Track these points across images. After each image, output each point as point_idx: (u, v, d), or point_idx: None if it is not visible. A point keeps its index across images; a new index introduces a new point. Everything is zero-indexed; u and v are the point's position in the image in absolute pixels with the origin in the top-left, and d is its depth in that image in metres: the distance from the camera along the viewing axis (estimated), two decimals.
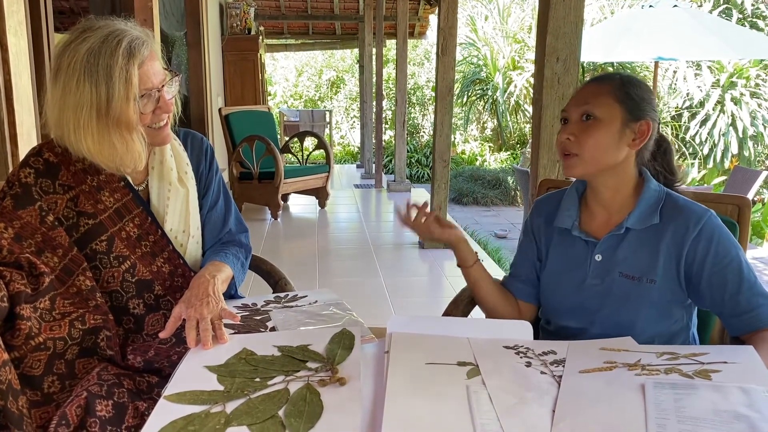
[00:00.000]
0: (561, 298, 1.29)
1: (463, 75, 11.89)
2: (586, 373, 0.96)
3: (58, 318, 1.13)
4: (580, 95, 1.23)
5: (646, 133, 1.19)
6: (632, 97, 1.19)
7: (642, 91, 1.20)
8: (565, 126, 1.23)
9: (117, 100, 1.13)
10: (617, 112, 1.18)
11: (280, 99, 15.01)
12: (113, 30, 1.15)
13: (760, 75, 9.37)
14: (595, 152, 1.19)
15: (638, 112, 1.19)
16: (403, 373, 0.97)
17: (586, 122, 1.19)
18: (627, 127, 1.19)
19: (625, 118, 1.18)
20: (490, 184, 9.27)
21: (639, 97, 1.19)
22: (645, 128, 1.19)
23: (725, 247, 1.15)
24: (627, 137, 1.19)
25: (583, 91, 1.23)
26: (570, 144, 1.20)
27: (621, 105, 1.18)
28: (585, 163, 1.20)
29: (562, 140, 1.22)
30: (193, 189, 1.37)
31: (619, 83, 1.20)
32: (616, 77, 1.21)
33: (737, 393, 0.86)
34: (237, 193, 5.73)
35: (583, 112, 1.20)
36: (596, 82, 1.22)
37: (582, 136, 1.19)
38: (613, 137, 1.18)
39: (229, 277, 1.35)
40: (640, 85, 1.21)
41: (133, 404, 1.05)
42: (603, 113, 1.18)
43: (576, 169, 1.21)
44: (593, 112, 1.18)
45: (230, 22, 7.14)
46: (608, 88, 1.20)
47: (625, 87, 1.19)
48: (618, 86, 1.19)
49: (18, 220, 1.19)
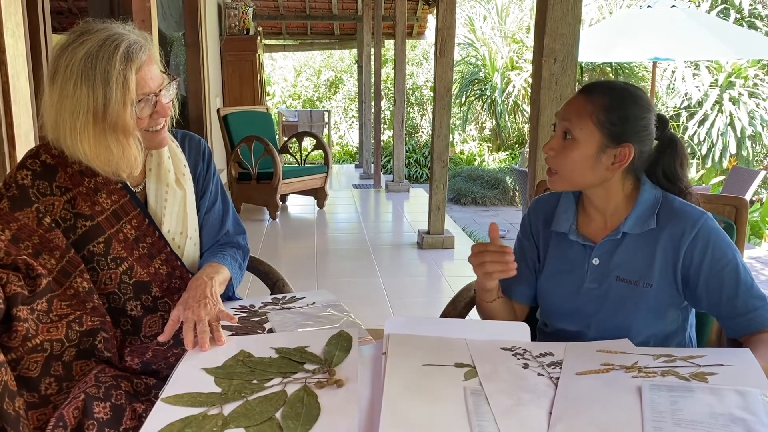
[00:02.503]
0: (558, 302, 1.29)
1: (462, 75, 11.89)
2: (583, 375, 0.96)
3: (55, 320, 1.13)
4: (567, 108, 1.21)
5: (627, 156, 1.16)
6: (614, 122, 1.15)
7: (628, 113, 1.15)
8: (553, 135, 1.23)
9: (114, 105, 1.13)
10: (595, 137, 1.16)
11: (279, 99, 15.00)
12: (111, 34, 1.15)
13: (759, 75, 9.38)
14: (572, 172, 1.19)
15: (620, 137, 1.16)
16: (400, 374, 0.97)
17: (565, 140, 1.19)
18: (604, 153, 1.16)
19: (603, 144, 1.16)
20: (489, 184, 9.28)
21: (622, 121, 1.15)
22: (626, 152, 1.16)
23: (722, 250, 1.15)
24: (604, 162, 1.17)
25: (571, 104, 1.20)
26: (550, 159, 1.21)
27: (600, 130, 1.15)
28: (563, 180, 1.21)
29: (545, 151, 1.22)
30: (190, 190, 1.37)
31: (604, 106, 1.15)
32: (605, 97, 1.16)
33: (734, 396, 0.86)
34: (235, 194, 5.73)
35: (564, 128, 1.19)
36: (584, 97, 1.18)
37: (560, 153, 1.19)
38: (588, 160, 1.17)
39: (226, 279, 1.35)
40: (627, 105, 1.16)
41: (130, 406, 1.05)
42: (580, 135, 1.16)
43: (556, 185, 1.23)
44: (573, 131, 1.17)
45: (228, 22, 7.13)
46: (591, 109, 1.16)
47: (608, 111, 1.15)
48: (602, 109, 1.15)
49: (15, 222, 1.19)
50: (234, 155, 5.65)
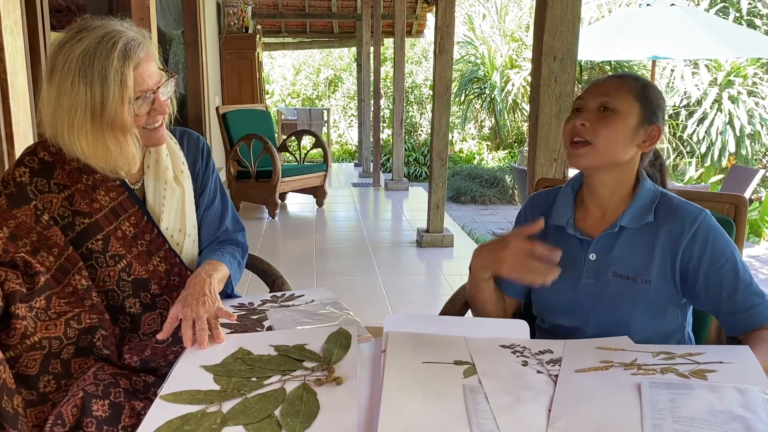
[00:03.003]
0: (555, 297, 1.29)
1: (461, 73, 11.89)
2: (582, 373, 0.96)
3: (53, 317, 1.13)
4: (599, 87, 1.22)
5: (656, 137, 1.20)
6: (651, 99, 1.19)
7: (658, 96, 1.22)
8: (574, 116, 1.22)
9: (112, 102, 1.12)
10: (635, 109, 1.18)
11: (278, 98, 14.99)
12: (109, 31, 1.14)
13: (758, 73, 9.39)
14: (609, 143, 1.18)
15: (653, 116, 1.19)
16: (399, 372, 0.97)
17: (603, 112, 1.18)
18: (641, 127, 1.19)
19: (641, 118, 1.19)
20: (488, 183, 9.28)
21: (656, 102, 1.20)
22: (656, 133, 1.20)
23: (721, 247, 1.15)
24: (639, 137, 1.19)
25: (604, 84, 1.22)
26: (583, 130, 1.18)
27: (640, 104, 1.19)
28: (596, 153, 1.18)
29: (575, 125, 1.19)
30: (189, 188, 1.37)
31: (641, 84, 1.21)
32: (638, 78, 1.22)
33: (733, 393, 0.86)
34: (234, 192, 5.72)
35: (601, 103, 1.19)
36: (617, 78, 1.22)
37: (597, 124, 1.18)
38: (627, 133, 1.18)
39: (225, 276, 1.35)
40: (657, 91, 1.22)
41: (129, 404, 1.05)
42: (623, 107, 1.18)
43: (585, 158, 1.19)
44: (612, 104, 1.18)
45: (227, 20, 7.12)
46: (630, 85, 1.20)
47: (645, 89, 1.20)
48: (640, 86, 1.20)
49: (13, 219, 1.18)
50: (233, 153, 5.65)
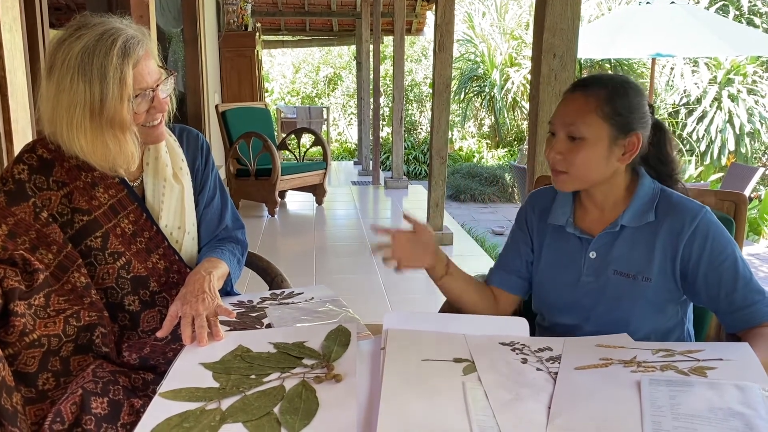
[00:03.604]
0: (555, 295, 1.29)
1: (461, 72, 11.88)
2: (581, 370, 0.96)
3: (52, 315, 1.13)
4: (565, 111, 1.17)
5: (637, 144, 1.16)
6: (619, 112, 1.14)
7: (630, 100, 1.15)
8: (551, 140, 1.20)
9: (111, 100, 1.12)
10: (604, 131, 1.14)
11: (277, 96, 14.98)
12: (108, 28, 1.14)
13: (757, 72, 9.39)
14: (584, 171, 1.17)
15: (627, 126, 1.15)
16: (399, 369, 0.97)
17: (572, 142, 1.16)
18: (615, 145, 1.15)
19: (613, 136, 1.15)
20: (488, 181, 9.27)
21: (627, 110, 1.15)
22: (635, 140, 1.16)
23: (721, 244, 1.15)
24: (616, 153, 1.16)
25: (569, 105, 1.17)
26: (558, 162, 1.18)
27: (608, 123, 1.14)
28: (574, 180, 1.19)
29: (550, 157, 1.19)
30: (188, 185, 1.37)
31: (605, 97, 1.14)
32: (603, 88, 1.15)
33: (733, 390, 0.86)
34: (234, 190, 5.72)
35: (568, 132, 1.16)
36: (581, 94, 1.16)
37: (569, 155, 1.16)
38: (601, 156, 1.15)
39: (225, 274, 1.35)
40: (628, 93, 1.15)
41: (128, 401, 1.05)
42: (589, 133, 1.14)
43: (566, 185, 1.21)
44: (579, 132, 1.14)
45: (227, 18, 7.11)
46: (594, 104, 1.14)
47: (612, 101, 1.14)
48: (605, 101, 1.14)
49: (12, 216, 1.18)
50: (232, 151, 5.64)
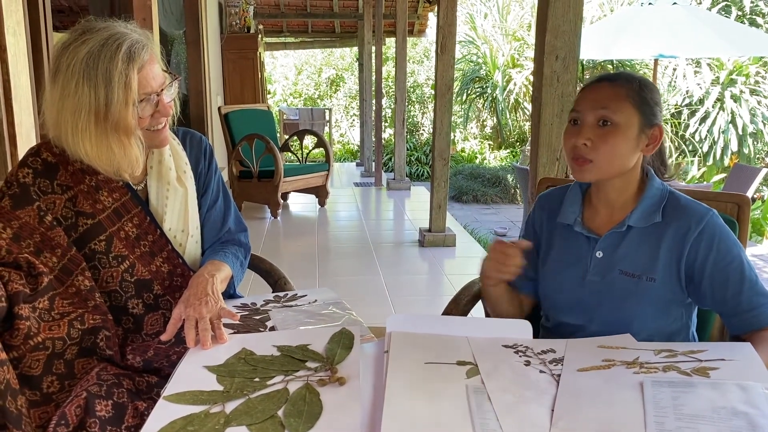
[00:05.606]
0: (560, 294, 1.29)
1: (463, 73, 11.88)
2: (584, 372, 0.96)
3: (57, 318, 1.13)
4: (595, 97, 1.18)
5: (659, 138, 1.19)
6: (648, 102, 1.17)
7: (655, 95, 1.19)
8: (576, 128, 1.19)
9: (116, 105, 1.12)
10: (635, 118, 1.16)
11: (280, 97, 14.99)
12: (113, 33, 1.14)
13: (760, 72, 9.36)
14: (611, 159, 1.16)
15: (652, 118, 1.18)
16: (402, 372, 0.97)
17: (603, 128, 1.16)
18: (642, 133, 1.17)
19: (642, 124, 1.16)
20: (490, 182, 9.27)
21: (654, 102, 1.18)
22: (658, 133, 1.18)
23: (727, 246, 1.15)
24: (642, 143, 1.18)
25: (600, 92, 1.18)
26: (585, 150, 1.17)
27: (638, 111, 1.16)
28: (599, 170, 1.18)
29: (576, 144, 1.17)
30: (192, 188, 1.37)
31: (637, 87, 1.17)
32: (634, 80, 1.18)
33: (735, 390, 0.86)
34: (237, 192, 5.73)
35: (600, 116, 1.16)
36: (612, 84, 1.18)
37: (598, 142, 1.15)
38: (629, 144, 1.16)
39: (228, 277, 1.35)
40: (653, 88, 1.19)
41: (132, 404, 1.05)
42: (622, 119, 1.15)
43: (590, 174, 1.19)
44: (612, 117, 1.15)
45: (229, 20, 7.12)
46: (626, 92, 1.16)
47: (642, 91, 1.17)
48: (636, 90, 1.17)
49: (16, 220, 1.18)
50: (235, 153, 5.65)
